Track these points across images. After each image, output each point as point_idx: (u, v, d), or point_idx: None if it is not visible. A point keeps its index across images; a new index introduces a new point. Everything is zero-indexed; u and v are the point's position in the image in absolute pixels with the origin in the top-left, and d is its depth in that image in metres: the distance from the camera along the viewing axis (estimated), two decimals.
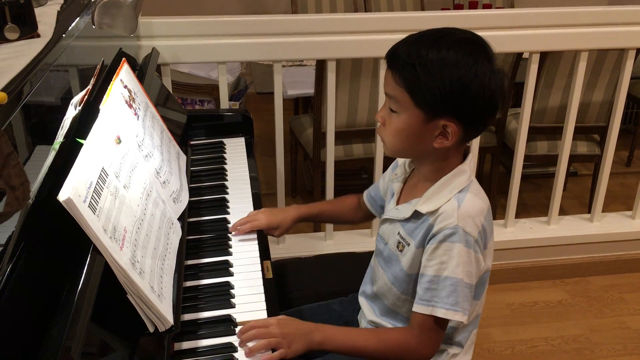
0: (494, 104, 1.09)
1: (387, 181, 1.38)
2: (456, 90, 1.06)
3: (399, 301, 1.24)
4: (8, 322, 0.83)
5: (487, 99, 1.08)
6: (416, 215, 1.17)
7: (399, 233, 1.21)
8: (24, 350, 0.82)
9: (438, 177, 1.17)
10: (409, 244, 1.19)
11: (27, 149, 1.07)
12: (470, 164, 1.18)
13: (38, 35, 1.14)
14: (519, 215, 2.57)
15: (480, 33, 1.12)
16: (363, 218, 1.51)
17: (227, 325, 1.14)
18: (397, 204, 1.26)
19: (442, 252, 1.11)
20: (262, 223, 1.41)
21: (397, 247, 1.22)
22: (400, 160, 1.31)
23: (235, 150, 1.77)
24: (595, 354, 2.16)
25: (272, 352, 1.09)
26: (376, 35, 2.05)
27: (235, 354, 1.08)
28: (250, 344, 1.09)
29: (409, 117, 1.11)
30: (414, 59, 1.07)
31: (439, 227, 1.12)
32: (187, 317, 1.15)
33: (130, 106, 1.26)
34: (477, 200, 1.15)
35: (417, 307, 1.13)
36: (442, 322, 1.14)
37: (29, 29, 1.12)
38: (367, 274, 1.38)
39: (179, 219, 1.29)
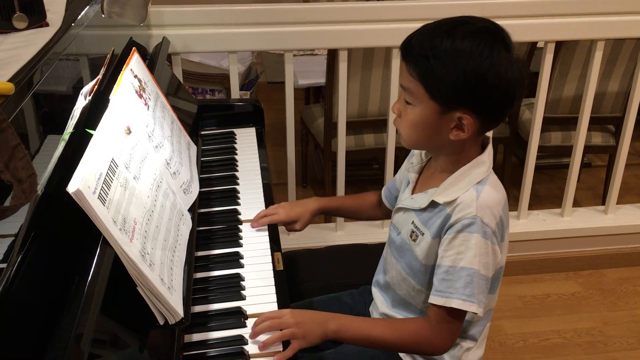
0: (511, 94, 1.06)
1: (403, 171, 1.36)
2: (471, 82, 1.03)
3: (413, 292, 1.22)
4: (18, 313, 0.83)
5: (503, 90, 1.05)
6: (433, 205, 1.16)
7: (413, 222, 1.20)
8: (34, 341, 0.82)
9: (455, 168, 1.15)
10: (423, 234, 1.17)
11: (37, 140, 1.06)
12: (490, 155, 1.16)
13: (47, 24, 1.13)
14: (532, 206, 2.54)
15: (495, 21, 1.10)
16: (383, 215, 1.48)
17: (237, 317, 1.14)
18: (412, 193, 1.24)
19: (459, 242, 1.09)
20: (281, 217, 1.41)
21: (411, 236, 1.20)
22: (416, 150, 1.29)
23: (245, 141, 1.76)
24: (609, 347, 2.14)
25: (283, 347, 1.08)
26: (388, 24, 2.02)
27: (246, 347, 1.07)
28: (263, 337, 1.08)
29: (423, 110, 1.09)
30: (427, 50, 1.04)
31: (457, 217, 1.10)
32: (198, 309, 1.15)
33: (140, 96, 1.25)
34: (495, 192, 1.13)
35: (433, 299, 1.12)
36: (458, 314, 1.12)
37: (37, 18, 1.11)
38: (379, 264, 1.37)
39: (189, 210, 1.28)
